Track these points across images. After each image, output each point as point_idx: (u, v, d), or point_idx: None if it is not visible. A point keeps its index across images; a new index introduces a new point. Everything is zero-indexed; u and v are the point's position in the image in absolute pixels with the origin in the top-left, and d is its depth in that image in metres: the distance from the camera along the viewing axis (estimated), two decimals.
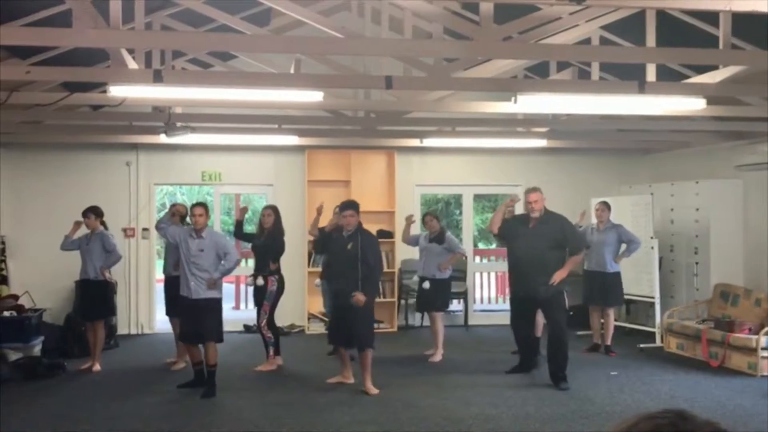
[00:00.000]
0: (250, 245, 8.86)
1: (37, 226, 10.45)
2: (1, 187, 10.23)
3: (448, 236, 8.93)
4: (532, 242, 7.47)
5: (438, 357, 8.74)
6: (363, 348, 7.21)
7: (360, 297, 7.04)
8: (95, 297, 8.33)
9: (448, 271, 8.94)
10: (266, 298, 8.15)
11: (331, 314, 7.70)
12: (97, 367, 8.23)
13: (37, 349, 8.50)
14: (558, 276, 7.35)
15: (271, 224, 8.25)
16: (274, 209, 8.41)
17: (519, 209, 9.16)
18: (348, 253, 7.17)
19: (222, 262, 7.21)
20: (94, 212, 8.26)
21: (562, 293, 7.61)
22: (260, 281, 8.13)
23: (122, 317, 10.62)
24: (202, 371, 7.31)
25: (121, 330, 10.47)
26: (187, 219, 8.00)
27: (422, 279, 8.94)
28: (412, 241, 9.20)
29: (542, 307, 7.66)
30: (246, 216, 9.05)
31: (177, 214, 8.21)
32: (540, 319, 8.17)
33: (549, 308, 7.55)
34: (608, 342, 9.10)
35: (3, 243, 10.28)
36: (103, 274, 8.25)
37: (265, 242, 8.24)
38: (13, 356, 8.10)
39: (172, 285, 7.99)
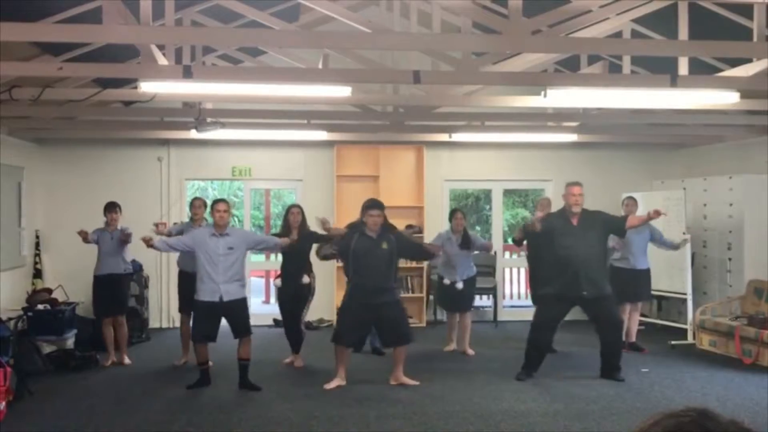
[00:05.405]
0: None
1: (70, 221, 10.55)
2: (35, 183, 10.40)
3: (473, 235, 9.02)
4: (581, 240, 7.30)
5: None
6: (408, 341, 7.31)
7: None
8: (124, 291, 8.57)
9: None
10: (311, 294, 8.24)
11: (361, 316, 7.21)
12: (123, 360, 8.34)
13: (70, 342, 8.63)
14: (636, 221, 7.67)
15: (299, 223, 8.21)
16: (300, 208, 8.38)
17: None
18: (383, 252, 7.13)
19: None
20: (119, 207, 8.44)
21: (611, 294, 7.49)
22: (306, 279, 8.12)
23: (154, 311, 10.76)
24: (209, 371, 7.30)
25: (153, 324, 10.60)
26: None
27: (454, 282, 8.74)
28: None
29: (588, 305, 7.41)
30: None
31: (202, 207, 8.31)
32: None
33: (600, 305, 7.34)
34: (632, 339, 9.01)
35: (37, 237, 10.44)
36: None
37: (304, 241, 8.18)
38: (47, 349, 8.26)
39: (185, 281, 7.99)
